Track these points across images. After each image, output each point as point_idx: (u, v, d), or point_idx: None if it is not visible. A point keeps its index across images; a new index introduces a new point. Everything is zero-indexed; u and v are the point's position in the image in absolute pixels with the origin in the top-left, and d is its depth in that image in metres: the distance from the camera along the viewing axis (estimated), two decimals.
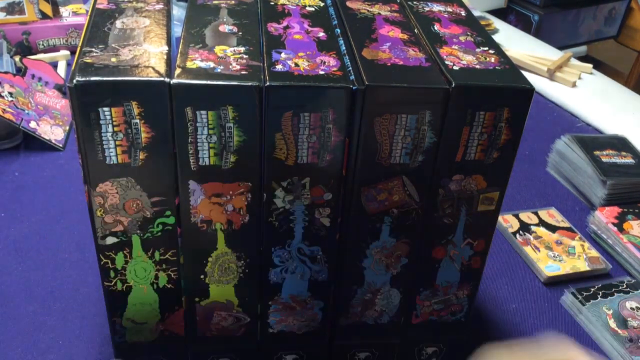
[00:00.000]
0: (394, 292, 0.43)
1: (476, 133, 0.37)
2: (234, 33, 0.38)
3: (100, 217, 0.37)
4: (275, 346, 0.45)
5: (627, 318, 0.56)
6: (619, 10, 1.65)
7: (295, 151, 0.35)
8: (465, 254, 0.43)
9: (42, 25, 0.95)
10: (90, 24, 0.38)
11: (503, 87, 0.36)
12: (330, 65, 0.36)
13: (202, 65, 0.34)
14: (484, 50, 0.40)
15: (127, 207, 0.37)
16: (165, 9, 0.41)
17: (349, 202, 0.39)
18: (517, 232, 0.66)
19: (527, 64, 1.06)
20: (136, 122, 0.34)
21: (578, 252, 0.64)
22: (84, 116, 0.33)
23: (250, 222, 0.38)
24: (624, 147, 0.76)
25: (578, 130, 0.90)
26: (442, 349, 0.48)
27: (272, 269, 0.40)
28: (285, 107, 0.34)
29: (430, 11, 0.45)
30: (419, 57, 0.38)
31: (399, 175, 0.38)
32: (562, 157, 0.77)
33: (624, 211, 0.68)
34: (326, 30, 0.40)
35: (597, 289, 0.59)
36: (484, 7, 1.38)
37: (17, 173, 0.71)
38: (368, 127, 0.36)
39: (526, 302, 0.59)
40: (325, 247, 0.40)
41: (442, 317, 0.46)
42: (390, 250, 0.41)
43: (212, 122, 0.34)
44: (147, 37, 0.37)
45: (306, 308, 0.43)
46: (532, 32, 1.43)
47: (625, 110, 0.96)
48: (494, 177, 0.39)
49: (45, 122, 0.76)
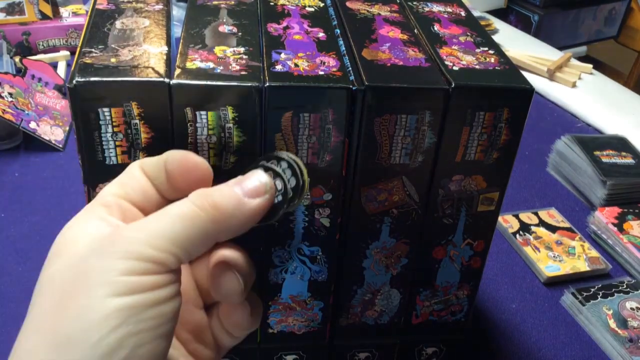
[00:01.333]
0: (394, 292, 0.43)
1: (476, 133, 0.37)
2: (233, 33, 0.38)
3: None
4: (275, 346, 0.45)
5: (627, 318, 0.56)
6: (619, 11, 1.65)
7: (295, 152, 0.36)
8: (465, 254, 0.43)
9: (42, 26, 0.95)
10: (89, 24, 0.38)
11: (503, 88, 0.36)
12: (330, 65, 0.36)
13: (201, 65, 0.34)
14: (484, 50, 0.40)
15: None
16: (165, 9, 0.41)
17: (349, 202, 0.39)
18: (517, 233, 0.66)
19: (527, 64, 1.06)
20: (136, 123, 0.34)
21: (578, 252, 0.64)
22: (83, 117, 0.33)
23: None
24: (624, 148, 0.76)
25: (578, 130, 0.90)
26: (442, 349, 0.48)
27: (272, 269, 0.40)
28: (285, 108, 0.34)
29: (430, 11, 0.45)
30: (418, 58, 0.38)
31: (399, 176, 0.38)
32: (562, 158, 0.77)
33: (624, 211, 0.68)
34: (326, 30, 0.40)
35: (597, 289, 0.59)
36: (484, 8, 1.38)
37: (17, 173, 0.71)
38: (368, 128, 0.36)
39: (526, 302, 0.59)
40: (325, 247, 0.40)
41: (442, 318, 0.46)
42: (390, 251, 0.41)
43: (211, 123, 0.34)
44: (147, 38, 0.37)
45: (306, 308, 0.43)
46: (532, 32, 1.43)
47: (625, 110, 0.96)
48: (494, 177, 0.39)
49: (45, 122, 0.76)
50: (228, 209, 0.29)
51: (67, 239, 0.29)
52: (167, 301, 0.27)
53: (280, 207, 0.32)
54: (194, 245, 0.29)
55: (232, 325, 0.35)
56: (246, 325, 0.35)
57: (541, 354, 0.54)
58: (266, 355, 0.46)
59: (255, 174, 0.31)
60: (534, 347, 0.55)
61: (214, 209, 0.29)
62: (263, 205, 0.31)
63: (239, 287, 0.32)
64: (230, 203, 0.29)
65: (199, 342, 0.35)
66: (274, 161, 0.33)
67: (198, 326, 0.35)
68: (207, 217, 0.28)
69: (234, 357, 0.45)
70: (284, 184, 0.32)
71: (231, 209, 0.29)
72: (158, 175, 0.31)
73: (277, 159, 0.33)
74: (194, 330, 0.35)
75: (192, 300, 0.35)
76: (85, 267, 0.27)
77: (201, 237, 0.29)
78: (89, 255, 0.27)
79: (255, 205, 0.30)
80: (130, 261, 0.26)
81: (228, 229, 0.30)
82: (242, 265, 0.32)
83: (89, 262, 0.27)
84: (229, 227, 0.30)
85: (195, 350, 0.35)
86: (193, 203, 0.29)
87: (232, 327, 0.35)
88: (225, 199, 0.29)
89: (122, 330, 0.25)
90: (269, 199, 0.31)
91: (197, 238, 0.28)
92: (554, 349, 0.55)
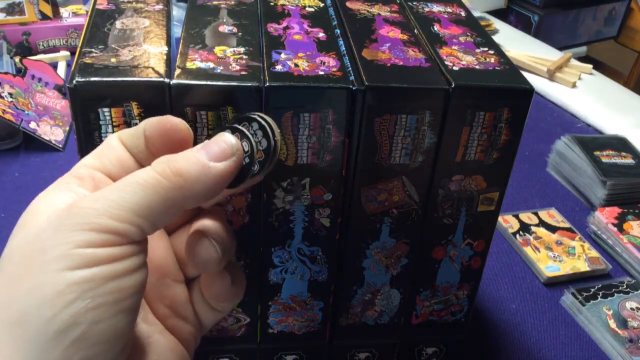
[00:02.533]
0: (394, 293, 0.43)
1: (476, 133, 0.37)
2: (233, 33, 0.38)
3: None
4: (275, 346, 0.45)
5: (627, 318, 0.56)
6: (619, 11, 1.65)
7: (295, 151, 0.36)
8: (465, 254, 0.43)
9: (42, 26, 0.95)
10: (90, 24, 0.38)
11: (503, 88, 0.36)
12: (330, 65, 0.36)
13: (201, 65, 0.34)
14: (484, 50, 0.40)
15: None
16: (165, 9, 0.41)
17: (349, 202, 0.39)
18: (517, 233, 0.66)
19: (527, 65, 1.06)
20: (136, 123, 0.34)
21: (578, 252, 0.64)
22: (83, 117, 0.33)
23: (250, 222, 0.38)
24: (624, 148, 0.76)
25: (578, 130, 0.90)
26: (442, 349, 0.48)
27: (272, 269, 0.40)
28: (285, 108, 0.34)
29: (430, 12, 0.45)
30: (418, 58, 0.38)
31: (399, 176, 0.38)
32: (562, 158, 0.77)
33: (624, 211, 0.68)
34: (326, 30, 0.40)
35: (597, 289, 0.59)
36: (484, 8, 1.38)
37: (17, 173, 0.71)
38: (368, 128, 0.36)
39: (526, 302, 0.59)
40: (325, 247, 0.40)
41: (442, 318, 0.46)
42: (390, 251, 0.41)
43: (212, 123, 0.34)
44: (147, 38, 0.37)
45: (306, 308, 0.43)
46: (532, 32, 1.43)
47: (625, 110, 0.96)
48: (494, 177, 0.39)
49: (45, 122, 0.76)
50: (192, 174, 0.28)
51: (32, 211, 0.28)
52: (129, 274, 0.26)
53: (249, 169, 0.31)
54: (158, 215, 0.27)
55: (213, 297, 0.34)
56: (227, 296, 0.34)
57: (541, 354, 0.54)
58: (266, 355, 0.46)
59: (222, 137, 0.30)
60: (534, 347, 0.55)
61: (177, 175, 0.27)
62: (230, 169, 0.29)
63: (215, 254, 0.31)
64: (193, 168, 0.28)
65: (178, 318, 0.33)
66: (245, 123, 0.31)
67: (177, 301, 0.34)
68: (169, 184, 0.27)
69: (234, 357, 0.45)
70: (251, 146, 0.31)
71: (195, 175, 0.28)
72: (137, 144, 0.30)
73: (248, 120, 0.31)
74: (172, 305, 0.33)
75: (171, 274, 0.34)
76: (41, 240, 0.26)
77: (165, 206, 0.27)
78: (46, 228, 0.26)
79: (221, 169, 0.28)
80: (87, 233, 0.25)
81: (194, 196, 0.28)
82: (220, 234, 0.31)
83: (46, 235, 0.26)
84: (195, 193, 0.28)
85: (174, 325, 0.33)
86: (155, 170, 0.27)
87: (214, 299, 0.34)
88: (188, 165, 0.28)
89: (77, 306, 0.24)
90: (236, 162, 0.29)
91: (160, 207, 0.27)
92: (554, 349, 0.55)
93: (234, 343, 0.44)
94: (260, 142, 0.31)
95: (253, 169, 0.31)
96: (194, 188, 0.28)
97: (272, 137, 0.31)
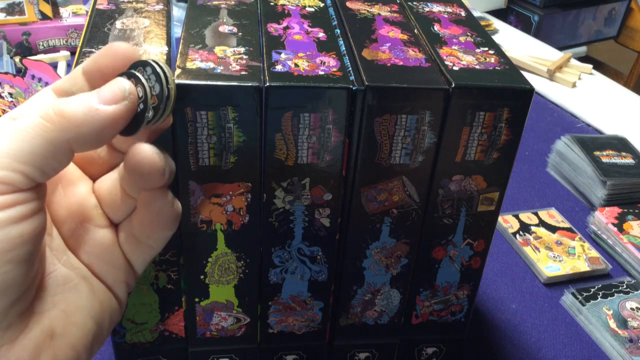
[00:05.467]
0: (394, 293, 0.43)
1: (476, 133, 0.37)
2: (233, 33, 0.38)
3: None
4: (275, 346, 0.45)
5: (627, 318, 0.56)
6: (619, 11, 1.65)
7: (295, 151, 0.36)
8: (465, 254, 0.43)
9: (42, 26, 0.95)
10: (90, 24, 0.38)
11: (503, 88, 0.36)
12: (330, 65, 0.36)
13: (202, 65, 0.34)
14: (484, 50, 0.40)
15: None
16: (165, 9, 0.41)
17: (349, 202, 0.39)
18: (517, 233, 0.66)
19: (527, 65, 1.06)
20: None
21: (578, 252, 0.64)
22: None
23: (250, 222, 0.38)
24: (624, 148, 0.76)
25: (578, 130, 0.90)
26: (442, 349, 0.48)
27: (272, 269, 0.41)
28: (285, 108, 0.34)
29: (430, 12, 0.45)
30: (418, 58, 0.38)
31: (399, 176, 0.38)
32: (562, 158, 0.77)
33: (624, 211, 0.68)
34: (326, 30, 0.40)
35: (597, 289, 0.59)
36: (484, 8, 1.38)
37: None
38: (368, 128, 0.36)
39: (526, 303, 0.59)
40: (325, 247, 0.40)
41: (442, 318, 0.46)
42: (390, 251, 0.41)
43: (212, 123, 0.34)
44: (147, 38, 0.37)
45: (306, 308, 0.43)
46: (532, 32, 1.43)
47: (625, 111, 0.96)
48: (494, 177, 0.39)
49: None
50: (77, 115, 0.27)
51: None
52: (16, 223, 0.25)
53: (142, 115, 0.30)
54: (44, 160, 0.26)
55: (150, 223, 0.32)
56: (166, 216, 0.32)
57: (541, 354, 0.54)
58: (266, 355, 0.46)
59: (115, 81, 0.29)
60: (534, 347, 0.55)
61: (61, 116, 0.26)
62: (120, 112, 0.28)
63: (159, 162, 0.30)
64: (78, 109, 0.27)
65: (105, 263, 0.33)
66: (140, 68, 0.30)
67: (102, 246, 0.33)
68: (53, 126, 0.26)
69: (233, 357, 0.45)
70: (145, 91, 0.30)
71: (81, 116, 0.27)
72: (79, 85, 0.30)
73: (142, 65, 0.30)
74: (96, 250, 0.32)
75: (92, 219, 0.32)
76: None
77: (50, 150, 0.26)
78: None
79: (110, 112, 0.28)
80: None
81: (80, 138, 0.27)
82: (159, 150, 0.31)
83: None
84: (81, 135, 0.27)
85: (102, 271, 0.32)
86: (38, 115, 0.27)
87: (150, 226, 0.33)
88: (73, 106, 0.27)
89: None
90: (129, 106, 0.29)
91: (45, 151, 0.26)
92: (554, 349, 0.55)
93: (234, 343, 0.44)
94: (153, 87, 0.30)
95: (147, 115, 0.30)
96: (80, 130, 0.27)
97: (165, 84, 0.30)
